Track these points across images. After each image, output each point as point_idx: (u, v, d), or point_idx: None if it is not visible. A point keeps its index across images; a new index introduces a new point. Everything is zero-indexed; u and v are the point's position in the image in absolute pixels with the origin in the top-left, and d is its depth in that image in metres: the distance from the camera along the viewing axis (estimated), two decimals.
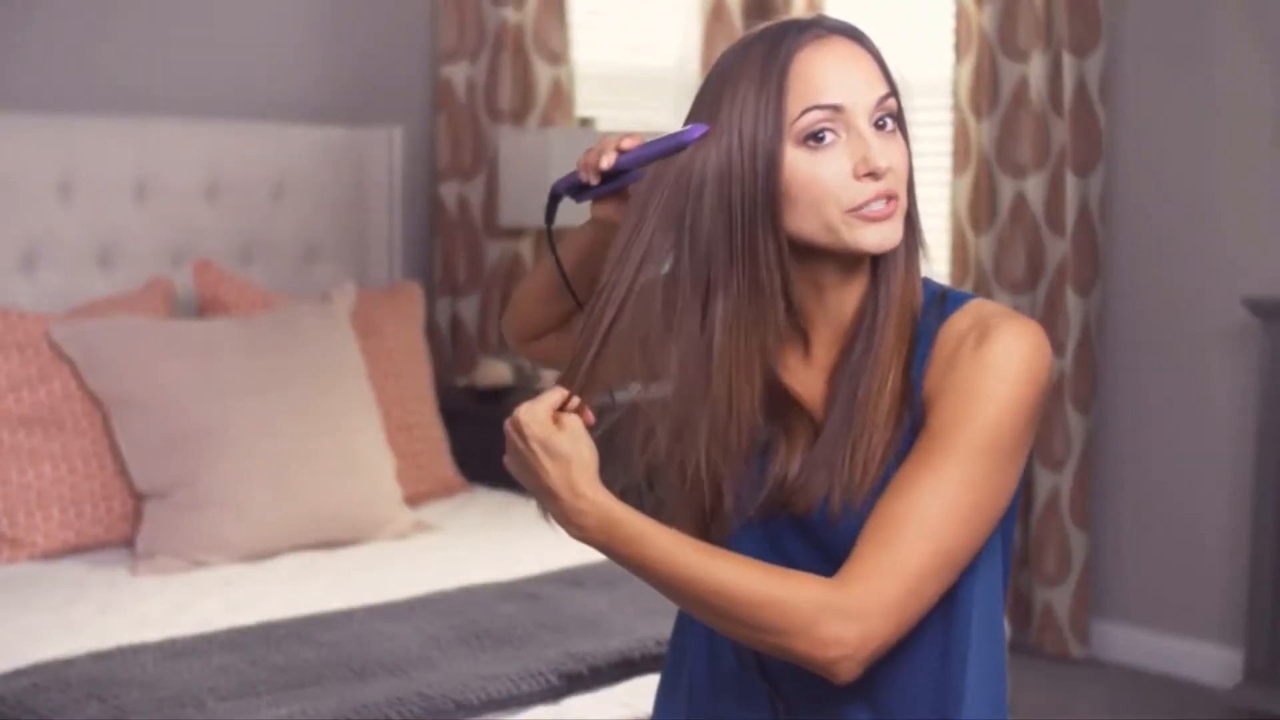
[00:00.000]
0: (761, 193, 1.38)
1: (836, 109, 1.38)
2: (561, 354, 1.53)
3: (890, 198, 1.38)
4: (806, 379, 1.48)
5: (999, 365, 1.37)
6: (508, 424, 1.36)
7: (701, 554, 1.35)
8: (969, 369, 1.38)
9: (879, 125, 1.39)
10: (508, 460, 1.37)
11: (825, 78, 1.38)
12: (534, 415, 1.34)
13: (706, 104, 1.42)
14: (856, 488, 1.40)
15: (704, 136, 1.39)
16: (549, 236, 1.56)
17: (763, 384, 1.45)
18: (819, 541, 1.45)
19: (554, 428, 1.34)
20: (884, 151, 1.38)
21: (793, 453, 1.46)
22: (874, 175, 1.37)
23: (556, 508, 1.34)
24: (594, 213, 1.53)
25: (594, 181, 1.48)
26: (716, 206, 1.39)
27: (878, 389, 1.41)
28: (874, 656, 1.35)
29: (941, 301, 1.45)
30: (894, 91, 1.41)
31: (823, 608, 1.33)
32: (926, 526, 1.35)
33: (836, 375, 1.46)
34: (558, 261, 1.55)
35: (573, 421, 1.36)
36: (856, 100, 1.38)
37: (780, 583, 1.34)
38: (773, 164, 1.38)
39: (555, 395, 1.36)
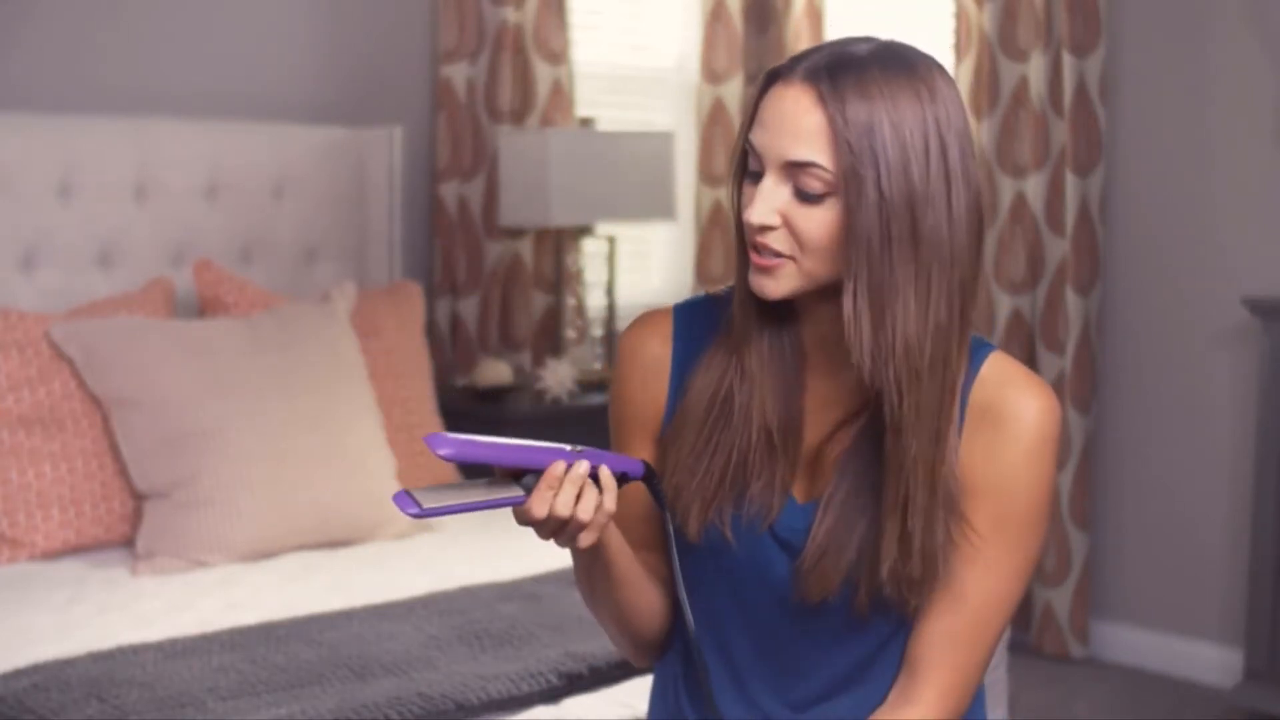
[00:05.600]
0: (734, 208, 1.44)
1: (753, 147, 1.40)
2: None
3: (774, 253, 1.38)
4: (806, 400, 1.49)
5: (1043, 445, 1.43)
6: None
7: None
8: (1019, 452, 1.42)
9: (803, 194, 1.36)
10: None
11: (762, 118, 1.40)
12: None
13: None
14: (913, 596, 1.42)
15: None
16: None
17: (788, 406, 1.47)
18: (823, 621, 1.47)
19: None
20: (779, 207, 1.37)
21: (783, 486, 1.47)
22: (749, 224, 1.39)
23: None
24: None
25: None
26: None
27: (925, 500, 1.40)
28: None
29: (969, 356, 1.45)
30: (840, 163, 1.34)
31: None
32: (1000, 624, 1.45)
33: (853, 432, 1.46)
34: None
35: None
36: (768, 151, 1.38)
37: None
38: (739, 178, 1.44)
39: None
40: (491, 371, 3.84)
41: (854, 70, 1.35)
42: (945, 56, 4.16)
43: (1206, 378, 3.88)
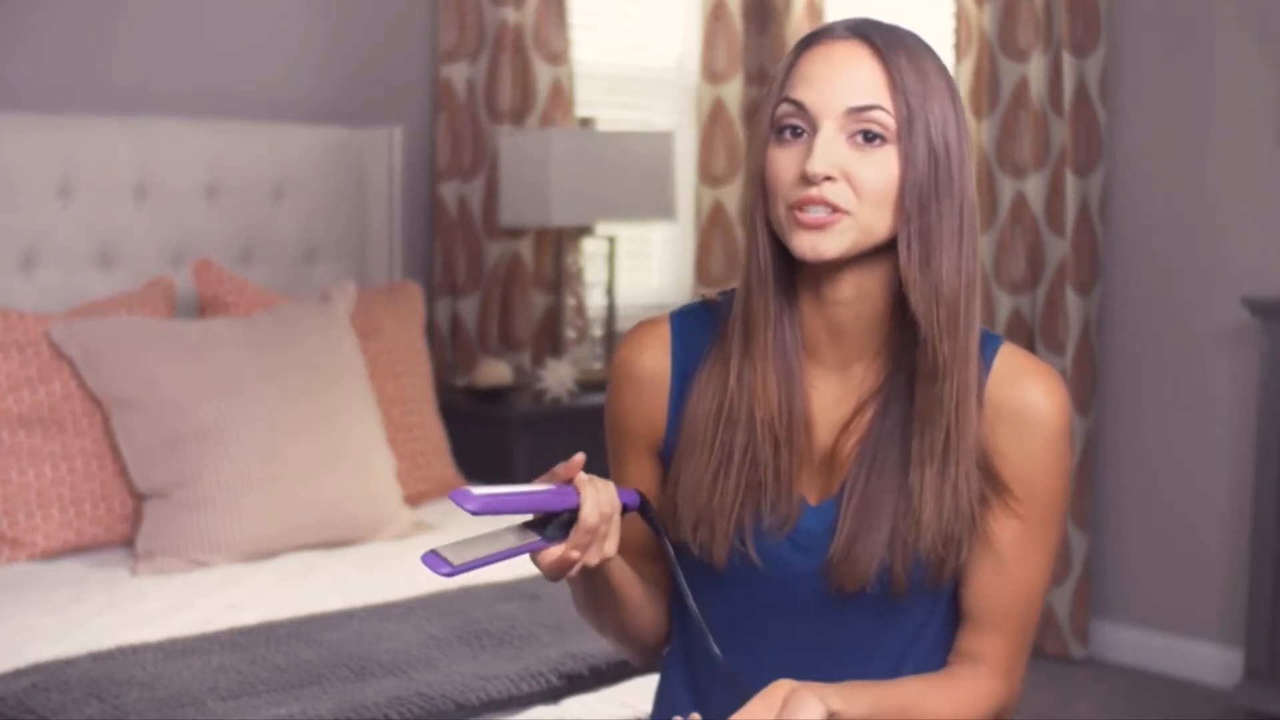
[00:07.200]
0: (755, 177, 1.45)
1: (801, 106, 1.40)
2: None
3: (831, 208, 1.39)
4: (814, 399, 1.49)
5: (1060, 436, 1.48)
6: None
7: (904, 700, 1.44)
8: (1038, 445, 1.47)
9: (866, 136, 1.39)
10: None
11: (807, 75, 1.41)
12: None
13: None
14: (952, 563, 1.46)
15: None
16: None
17: (789, 396, 1.47)
18: (854, 613, 1.47)
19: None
20: (838, 160, 1.39)
21: (797, 489, 1.47)
22: (806, 178, 1.39)
23: None
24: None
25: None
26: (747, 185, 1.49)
27: (962, 444, 1.44)
28: None
29: (979, 347, 1.48)
30: (899, 109, 1.39)
31: (1000, 708, 1.50)
32: (1039, 606, 1.52)
33: (870, 415, 1.47)
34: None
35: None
36: (824, 103, 1.40)
37: (964, 700, 1.47)
38: (761, 150, 1.44)
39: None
40: (491, 371, 3.84)
41: (893, 32, 1.43)
42: (945, 56, 4.16)
43: (1206, 378, 3.88)
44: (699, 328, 1.54)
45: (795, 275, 1.46)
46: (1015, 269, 4.03)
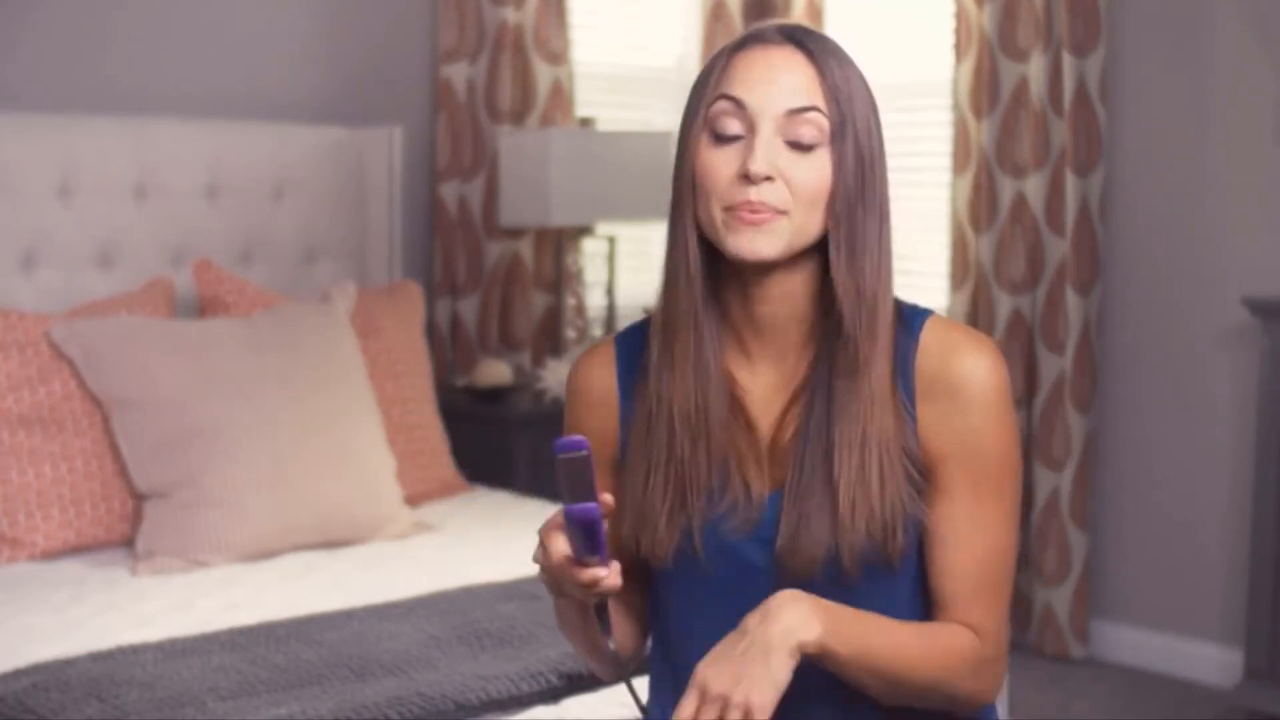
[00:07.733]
0: (681, 174, 1.47)
1: (739, 104, 1.43)
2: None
3: (771, 208, 1.42)
4: (752, 392, 1.51)
5: (998, 400, 1.48)
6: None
7: (891, 625, 1.46)
8: (976, 414, 1.47)
9: (802, 139, 1.42)
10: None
11: (744, 75, 1.44)
12: None
13: None
14: (893, 547, 1.46)
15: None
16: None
17: (704, 391, 1.49)
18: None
19: None
20: (777, 161, 1.42)
21: (745, 482, 1.49)
22: (747, 178, 1.41)
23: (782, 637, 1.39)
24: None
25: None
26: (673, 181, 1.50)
27: (879, 436, 1.45)
28: None
29: (904, 323, 1.50)
30: (832, 113, 1.43)
31: (979, 664, 1.48)
32: (1010, 566, 1.51)
33: (801, 406, 1.49)
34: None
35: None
36: (764, 104, 1.43)
37: (942, 640, 1.47)
38: (685, 146, 1.47)
39: None
40: (491, 371, 3.84)
41: (822, 39, 1.47)
42: (945, 56, 4.17)
43: (1206, 378, 3.88)
44: (638, 345, 1.57)
45: (721, 274, 1.49)
46: (1015, 269, 4.03)
